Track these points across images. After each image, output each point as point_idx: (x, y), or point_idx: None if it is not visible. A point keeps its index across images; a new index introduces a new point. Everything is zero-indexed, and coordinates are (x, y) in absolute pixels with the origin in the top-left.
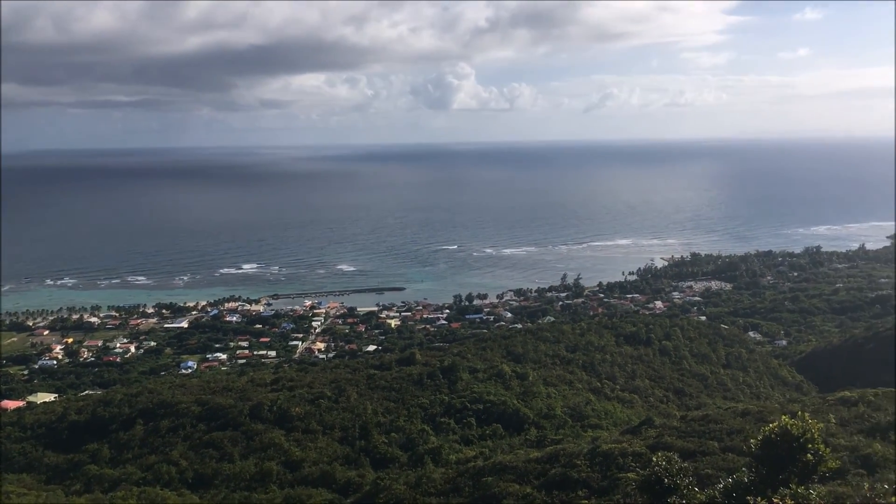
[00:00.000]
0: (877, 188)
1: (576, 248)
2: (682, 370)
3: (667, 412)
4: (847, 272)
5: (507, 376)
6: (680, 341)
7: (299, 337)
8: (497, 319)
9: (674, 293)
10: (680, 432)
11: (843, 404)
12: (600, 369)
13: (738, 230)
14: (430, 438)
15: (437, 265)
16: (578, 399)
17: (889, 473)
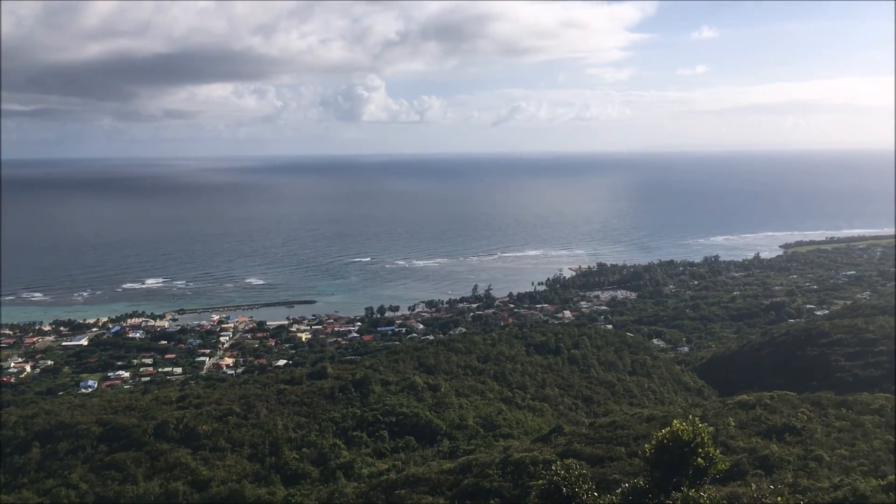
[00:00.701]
0: (770, 199)
1: (487, 259)
2: (590, 378)
3: (576, 419)
4: (743, 280)
5: (420, 388)
6: (588, 350)
7: (206, 353)
8: (409, 331)
9: (582, 303)
10: (588, 439)
11: (741, 408)
12: (511, 379)
13: (643, 241)
14: (343, 453)
15: (349, 278)
16: (490, 409)
17: (786, 473)
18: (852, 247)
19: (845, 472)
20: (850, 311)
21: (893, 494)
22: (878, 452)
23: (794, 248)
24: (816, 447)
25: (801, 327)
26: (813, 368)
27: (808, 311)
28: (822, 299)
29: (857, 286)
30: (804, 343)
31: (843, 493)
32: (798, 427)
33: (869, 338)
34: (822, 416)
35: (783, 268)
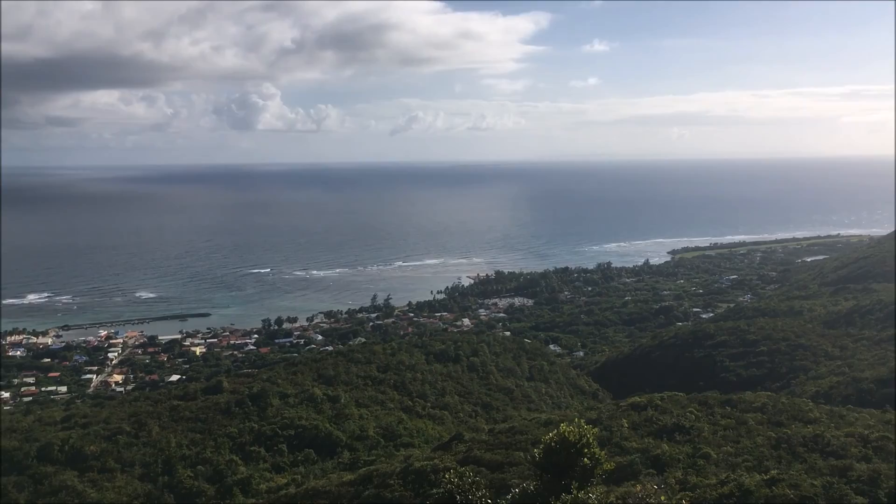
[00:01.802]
0: (659, 207)
1: (387, 268)
2: (489, 385)
3: (476, 426)
4: (634, 286)
5: (319, 400)
6: (487, 357)
7: (94, 370)
8: (308, 342)
9: (480, 310)
10: (488, 445)
11: (633, 409)
12: (411, 388)
13: (539, 248)
14: (240, 468)
15: (246, 289)
16: (391, 419)
17: (676, 471)
18: (734, 252)
19: (731, 469)
20: (733, 313)
21: (775, 488)
22: (760, 448)
23: (682, 254)
24: (704, 445)
25: (689, 330)
26: (700, 369)
27: (695, 314)
28: (708, 303)
29: (738, 290)
30: (691, 345)
31: (729, 488)
32: (687, 426)
33: (751, 339)
34: (709, 415)
35: (671, 273)
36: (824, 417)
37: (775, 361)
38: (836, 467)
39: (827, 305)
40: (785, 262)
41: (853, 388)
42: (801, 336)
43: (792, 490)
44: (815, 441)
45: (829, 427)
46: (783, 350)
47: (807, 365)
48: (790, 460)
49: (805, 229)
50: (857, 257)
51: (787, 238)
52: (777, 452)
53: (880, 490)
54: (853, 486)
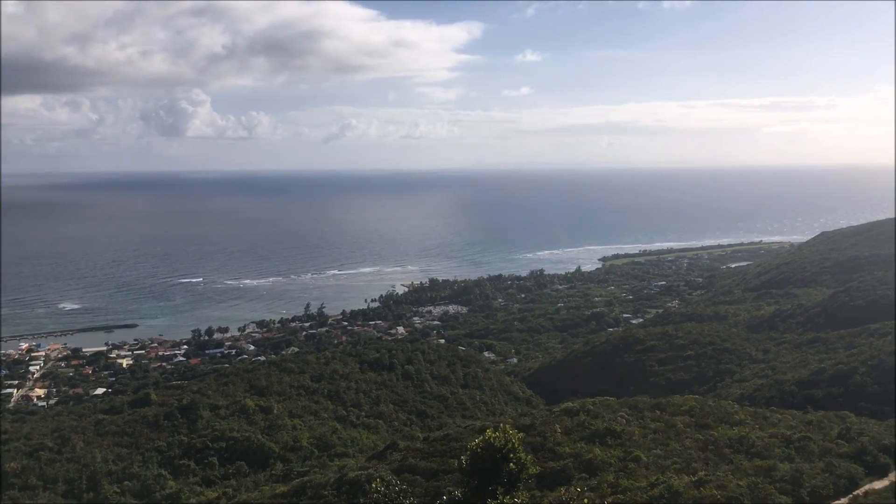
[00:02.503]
0: (590, 215)
1: (320, 277)
2: (424, 392)
3: (411, 435)
4: (567, 292)
5: (251, 411)
6: (421, 365)
7: (14, 384)
8: (239, 353)
9: (415, 318)
10: (423, 453)
11: (566, 414)
12: (346, 397)
13: (473, 256)
14: (168, 483)
15: (175, 299)
16: (324, 429)
17: (608, 475)
18: (663, 259)
19: (661, 471)
20: (662, 319)
21: (703, 489)
22: (689, 451)
23: (612, 261)
24: (635, 448)
25: (619, 335)
26: (631, 374)
27: (625, 320)
28: (637, 308)
29: (667, 295)
30: (622, 350)
31: (658, 490)
32: (618, 430)
33: (679, 343)
34: (640, 418)
35: (602, 280)
36: (749, 419)
37: (702, 365)
38: (761, 467)
39: (750, 310)
40: (710, 268)
41: (776, 390)
42: (727, 340)
43: (719, 491)
44: (740, 442)
45: (753, 428)
46: (710, 354)
47: (732, 368)
48: (717, 461)
49: (730, 236)
50: (779, 263)
51: (712, 245)
52: (704, 454)
53: (803, 489)
54: (777, 485)
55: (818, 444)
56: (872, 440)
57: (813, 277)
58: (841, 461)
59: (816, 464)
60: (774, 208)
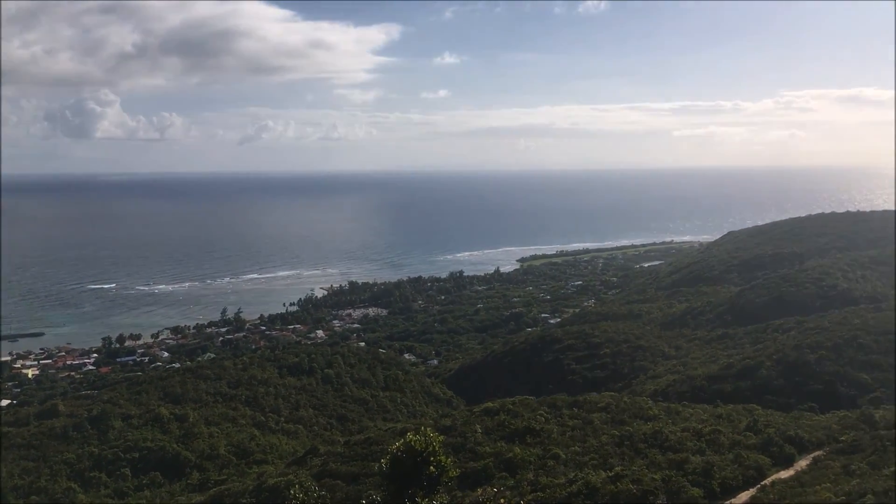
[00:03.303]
0: (508, 216)
1: (238, 281)
2: (344, 396)
3: (331, 439)
4: (486, 293)
5: (166, 419)
6: (342, 368)
7: None
8: (153, 360)
9: (334, 322)
10: (344, 457)
11: (486, 414)
12: (264, 403)
13: (393, 258)
14: (78, 496)
15: (84, 306)
16: (242, 436)
17: (528, 473)
18: (579, 259)
19: (579, 467)
20: (579, 318)
21: (619, 484)
22: (605, 447)
23: (530, 262)
24: (553, 446)
25: (538, 335)
26: (549, 373)
27: (543, 319)
28: (555, 308)
29: (583, 295)
30: (540, 350)
31: (577, 486)
32: (537, 429)
33: (595, 342)
34: (558, 416)
35: (521, 280)
36: (662, 414)
37: (618, 363)
38: (674, 461)
39: (663, 308)
40: (625, 267)
41: (688, 385)
42: (641, 338)
43: (634, 485)
44: (654, 437)
45: (667, 423)
46: (625, 352)
47: (646, 365)
48: (632, 456)
49: (643, 237)
50: (689, 262)
51: (626, 245)
52: (620, 450)
53: (714, 481)
54: (689, 478)
55: (728, 436)
56: (778, 431)
57: (721, 276)
58: (749, 453)
59: (726, 456)
60: (686, 209)
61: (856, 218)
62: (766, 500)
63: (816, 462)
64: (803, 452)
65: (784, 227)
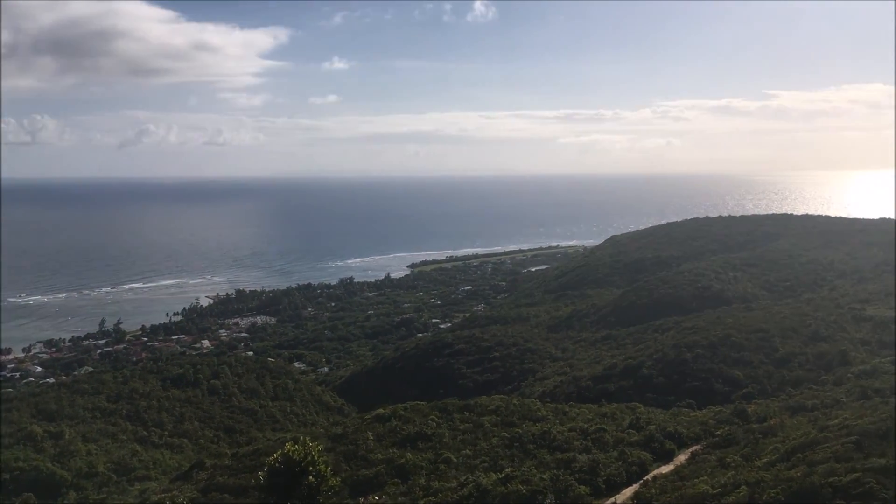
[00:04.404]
0: (399, 222)
1: (117, 291)
2: (231, 407)
3: (218, 452)
4: (377, 300)
5: (39, 438)
6: (229, 379)
7: None
8: (25, 375)
9: (221, 331)
10: (232, 470)
11: (378, 421)
12: (146, 417)
13: (282, 265)
14: None
15: None
16: (123, 452)
17: (419, 478)
18: (468, 264)
19: (470, 470)
20: (469, 322)
21: (509, 485)
22: (496, 449)
23: (420, 268)
24: (445, 450)
25: (429, 340)
26: (440, 377)
27: (434, 324)
28: (446, 313)
29: (473, 300)
30: (431, 355)
31: (468, 489)
32: (429, 433)
33: (485, 346)
34: (449, 420)
35: (411, 286)
36: (550, 415)
37: (507, 366)
38: (562, 460)
39: (550, 311)
40: (513, 272)
41: (574, 386)
42: (529, 341)
43: (524, 485)
44: (543, 437)
45: (554, 424)
46: (514, 355)
47: (535, 367)
48: (522, 457)
49: (531, 241)
50: (574, 266)
51: (515, 250)
52: (511, 451)
53: (599, 478)
54: (576, 476)
55: (612, 434)
56: (659, 428)
57: (605, 279)
58: (632, 449)
59: (611, 453)
60: (572, 214)
61: (728, 222)
62: (648, 495)
63: (694, 456)
64: (682, 447)
65: (663, 232)
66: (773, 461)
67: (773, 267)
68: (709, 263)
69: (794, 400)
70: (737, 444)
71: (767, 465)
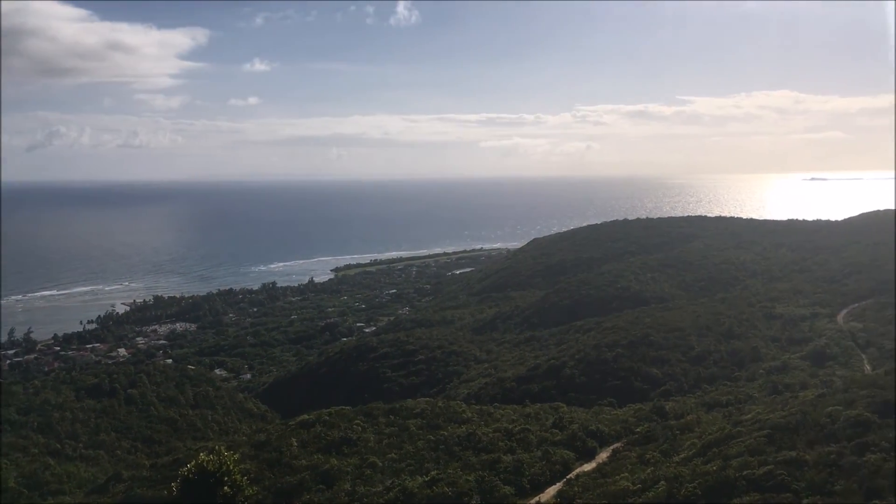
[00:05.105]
0: (323, 226)
1: (27, 298)
2: (150, 417)
3: (136, 463)
4: (300, 304)
5: None
6: (147, 388)
7: None
8: None
9: (138, 339)
10: (150, 481)
11: (302, 427)
12: (59, 429)
13: (203, 271)
14: None
15: None
16: (35, 466)
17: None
18: (393, 267)
19: (396, 474)
20: (394, 326)
21: (435, 488)
22: (422, 452)
23: (344, 272)
24: (370, 455)
25: (353, 345)
26: (365, 382)
27: (359, 329)
28: (370, 317)
29: (398, 303)
30: (356, 359)
31: (394, 493)
32: (354, 438)
33: (410, 349)
34: (375, 425)
35: (335, 290)
36: (476, 417)
37: (432, 368)
38: (487, 461)
39: (474, 314)
40: (438, 275)
41: (499, 387)
42: (454, 343)
43: (450, 488)
44: (468, 439)
45: (479, 425)
46: (439, 357)
47: (459, 370)
48: (448, 460)
49: (457, 244)
50: (498, 269)
51: (439, 253)
52: (436, 454)
53: (524, 478)
54: (501, 476)
55: (536, 434)
56: (581, 427)
57: (528, 280)
58: (556, 448)
59: (535, 453)
60: (495, 217)
61: (646, 224)
62: (571, 493)
63: (615, 453)
64: (604, 445)
65: (583, 234)
66: (690, 456)
67: (689, 267)
68: (628, 264)
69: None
70: (656, 441)
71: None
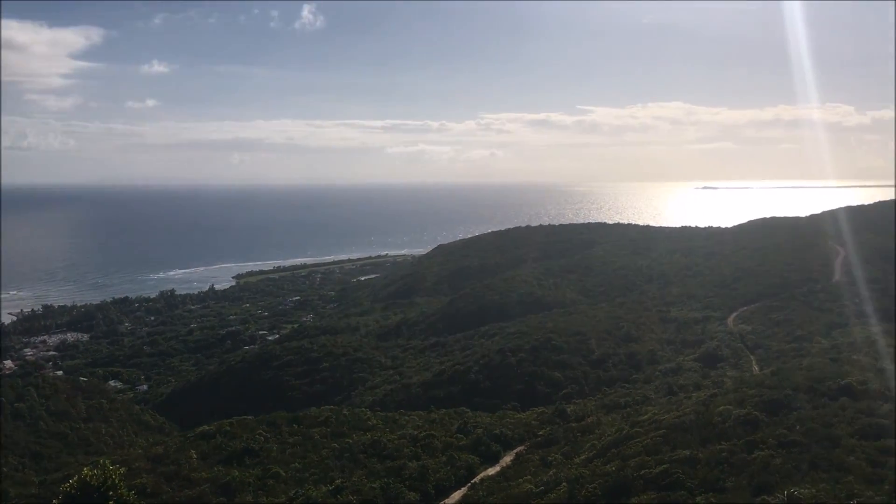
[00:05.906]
0: (223, 232)
1: None
2: (38, 432)
3: (24, 480)
4: (200, 312)
5: None
6: (35, 401)
7: None
8: None
9: (26, 350)
10: (38, 499)
11: (202, 438)
12: None
13: (97, 279)
14: None
15: None
16: None
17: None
18: (297, 274)
19: (300, 484)
20: (298, 333)
21: (340, 496)
22: (326, 460)
23: (246, 279)
24: (273, 465)
25: (256, 353)
26: (268, 391)
27: (262, 336)
28: (273, 325)
29: (302, 310)
30: (259, 368)
31: (297, 503)
32: (256, 449)
33: (314, 357)
34: (278, 434)
35: (237, 297)
36: (381, 424)
37: (337, 376)
38: (392, 468)
39: (379, 320)
40: (342, 281)
41: (404, 393)
42: (359, 350)
43: (355, 496)
44: (373, 446)
45: (385, 432)
46: (343, 364)
47: (365, 377)
48: (353, 468)
49: (361, 251)
50: (403, 275)
51: (344, 259)
52: (341, 462)
53: (429, 483)
54: (406, 482)
55: (441, 440)
56: (485, 431)
57: (433, 287)
58: (460, 453)
59: (440, 458)
60: (402, 223)
61: (548, 231)
62: (476, 497)
63: (519, 457)
64: (508, 449)
65: (488, 240)
66: (590, 457)
67: (590, 273)
68: (531, 270)
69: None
70: (558, 443)
71: (586, 461)
